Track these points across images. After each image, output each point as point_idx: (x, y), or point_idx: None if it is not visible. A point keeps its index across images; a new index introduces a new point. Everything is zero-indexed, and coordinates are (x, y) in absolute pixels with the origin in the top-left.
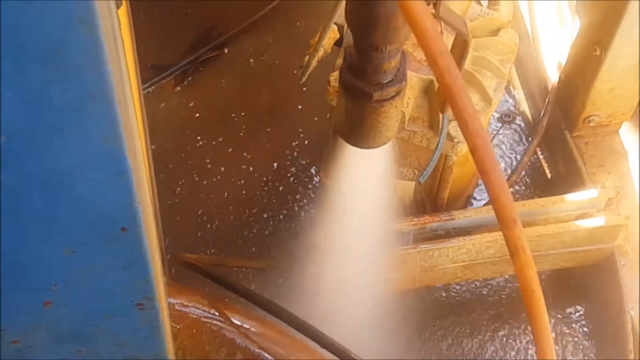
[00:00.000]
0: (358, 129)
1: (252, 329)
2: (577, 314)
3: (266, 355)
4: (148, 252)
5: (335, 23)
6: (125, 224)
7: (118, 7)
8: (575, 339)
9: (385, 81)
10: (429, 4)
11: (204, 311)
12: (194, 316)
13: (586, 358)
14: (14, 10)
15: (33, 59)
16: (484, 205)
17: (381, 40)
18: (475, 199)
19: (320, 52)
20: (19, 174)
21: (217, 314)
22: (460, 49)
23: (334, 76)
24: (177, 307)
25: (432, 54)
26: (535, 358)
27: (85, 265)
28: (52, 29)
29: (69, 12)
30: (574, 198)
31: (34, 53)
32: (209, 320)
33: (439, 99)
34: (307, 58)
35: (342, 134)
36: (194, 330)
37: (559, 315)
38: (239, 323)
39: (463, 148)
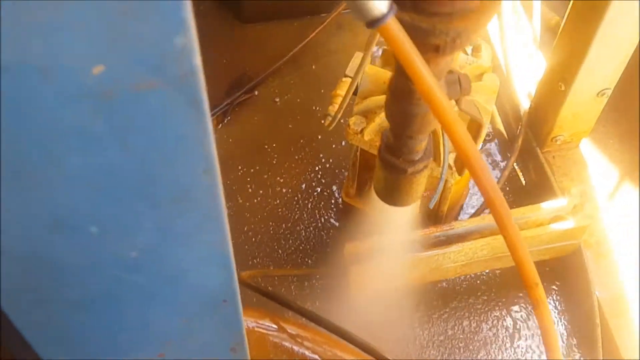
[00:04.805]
0: (395, 194)
1: (304, 336)
2: (554, 295)
3: (316, 357)
4: (240, 314)
5: (347, 75)
6: (226, 297)
7: None
8: (555, 312)
9: (417, 159)
10: (451, 99)
11: (268, 326)
12: (260, 332)
13: (564, 327)
14: (153, 164)
15: (166, 200)
16: (474, 212)
17: (416, 132)
18: (465, 206)
19: (344, 104)
20: (150, 277)
21: (276, 326)
22: (475, 128)
23: (353, 120)
24: (248, 325)
25: (456, 139)
26: (519, 331)
27: (195, 328)
28: (181, 178)
29: (196, 165)
30: (548, 206)
31: (167, 196)
32: (271, 334)
33: (458, 165)
34: (330, 107)
35: (381, 197)
36: (261, 344)
37: None
38: (293, 332)
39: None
